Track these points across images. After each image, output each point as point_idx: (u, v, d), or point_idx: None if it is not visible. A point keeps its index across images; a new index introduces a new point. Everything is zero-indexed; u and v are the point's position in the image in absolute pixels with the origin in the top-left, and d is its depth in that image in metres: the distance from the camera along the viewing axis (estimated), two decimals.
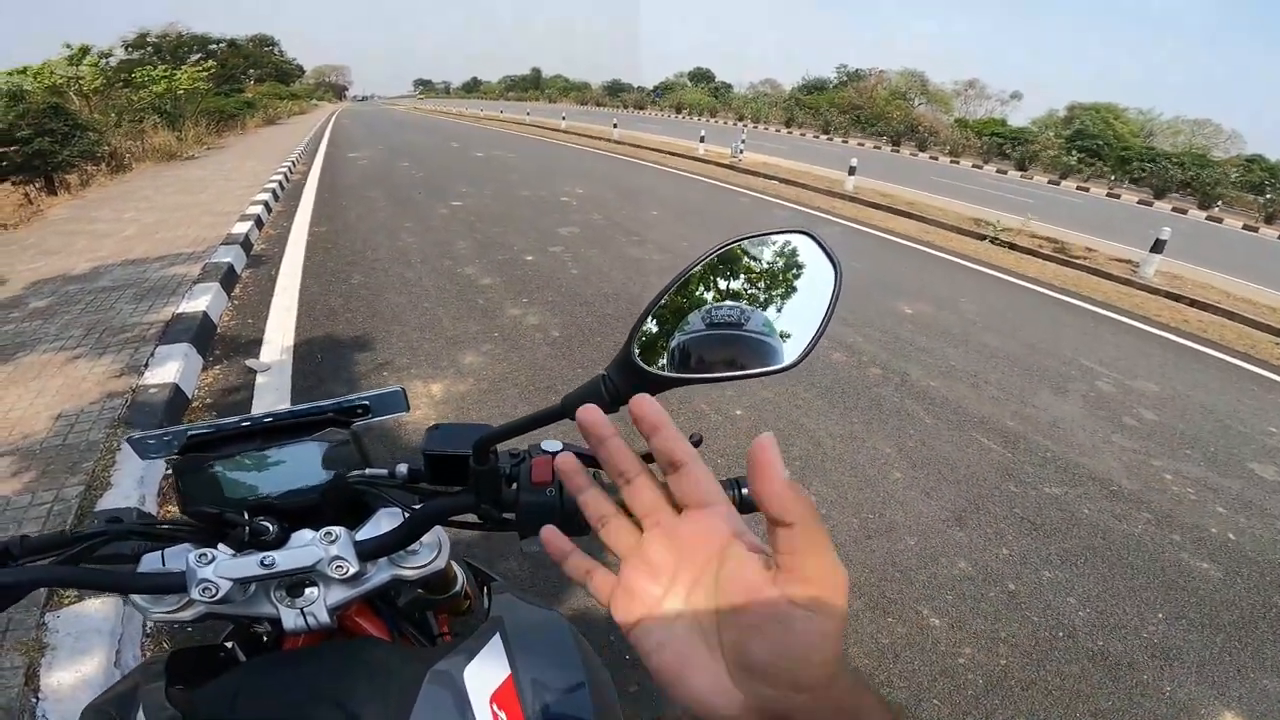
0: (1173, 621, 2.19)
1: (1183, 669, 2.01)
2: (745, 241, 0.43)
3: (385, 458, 0.65)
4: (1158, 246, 7.30)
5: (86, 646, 1.66)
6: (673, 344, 0.42)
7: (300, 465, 0.62)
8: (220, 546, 0.55)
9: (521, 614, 0.71)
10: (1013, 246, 8.24)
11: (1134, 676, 1.96)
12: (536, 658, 0.65)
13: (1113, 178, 28.81)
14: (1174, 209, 20.53)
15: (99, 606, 1.76)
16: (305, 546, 0.55)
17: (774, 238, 0.44)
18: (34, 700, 1.54)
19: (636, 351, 0.41)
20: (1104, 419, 3.62)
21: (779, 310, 0.42)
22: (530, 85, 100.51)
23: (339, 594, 0.59)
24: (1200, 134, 42.91)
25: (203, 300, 3.96)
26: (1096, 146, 32.87)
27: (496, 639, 0.63)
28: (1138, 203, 21.26)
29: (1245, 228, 18.45)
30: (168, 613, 0.58)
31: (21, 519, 2.09)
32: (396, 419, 0.70)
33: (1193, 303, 6.65)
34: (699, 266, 0.43)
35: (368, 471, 0.62)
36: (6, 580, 0.49)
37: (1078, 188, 23.58)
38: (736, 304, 0.42)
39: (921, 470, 2.89)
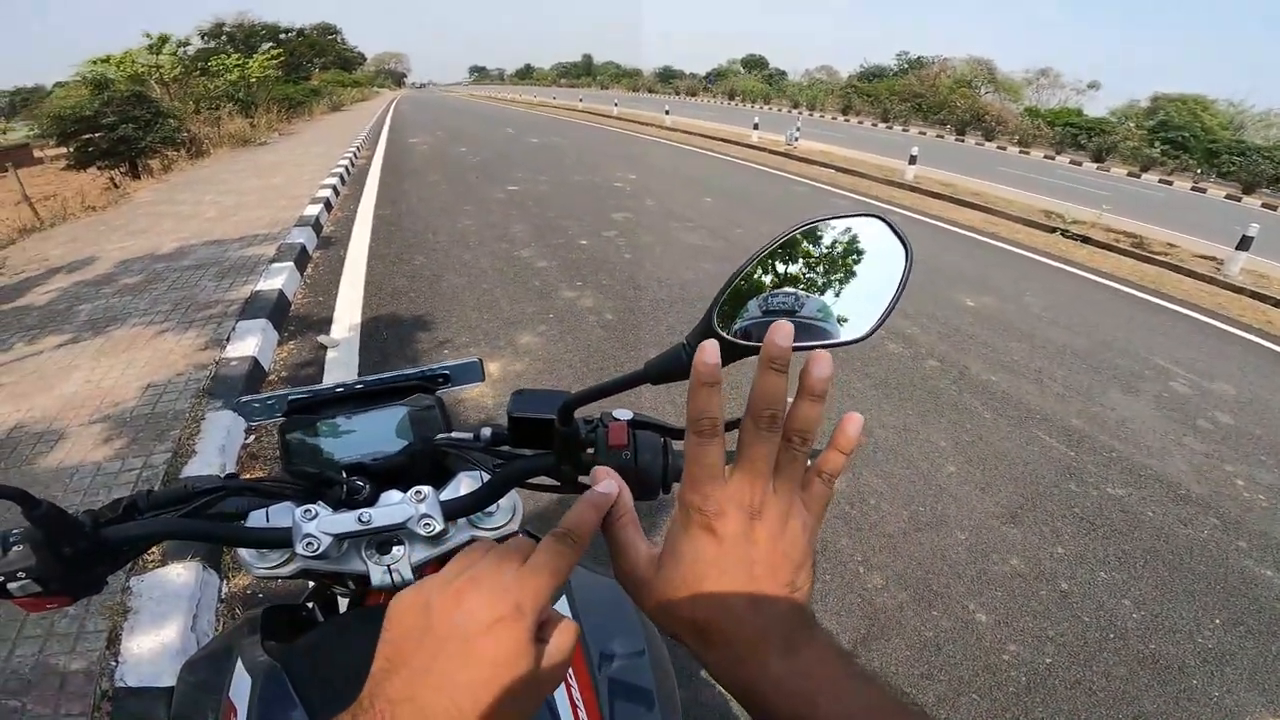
0: (1230, 628, 2.12)
1: (1235, 674, 1.94)
2: (822, 222, 0.45)
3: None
4: (1244, 243, 6.86)
5: (167, 612, 1.72)
6: (734, 328, 0.44)
7: (388, 429, 0.67)
8: (319, 504, 0.59)
9: (584, 580, 0.74)
10: (1086, 240, 7.86)
11: (1183, 680, 1.91)
12: (600, 623, 0.69)
13: (1199, 171, 27.02)
14: (1264, 204, 19.13)
15: (181, 572, 1.83)
16: (397, 504, 0.59)
17: (844, 221, 0.45)
18: (114, 664, 1.60)
19: (716, 321, 0.44)
20: (1176, 421, 3.46)
21: (837, 295, 0.44)
22: (582, 72, 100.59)
23: (422, 552, 0.62)
24: None
25: (279, 279, 4.18)
26: (1182, 138, 30.81)
27: (563, 602, 0.67)
28: (1225, 197, 19.88)
29: None
30: (271, 568, 0.63)
31: (112, 484, 2.23)
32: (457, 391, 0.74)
33: (1279, 303, 6.24)
34: (776, 246, 0.45)
35: (454, 435, 0.66)
36: (137, 532, 0.54)
37: (1160, 181, 22.21)
38: (792, 291, 0.44)
39: (977, 465, 2.84)
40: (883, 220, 0.45)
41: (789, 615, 0.36)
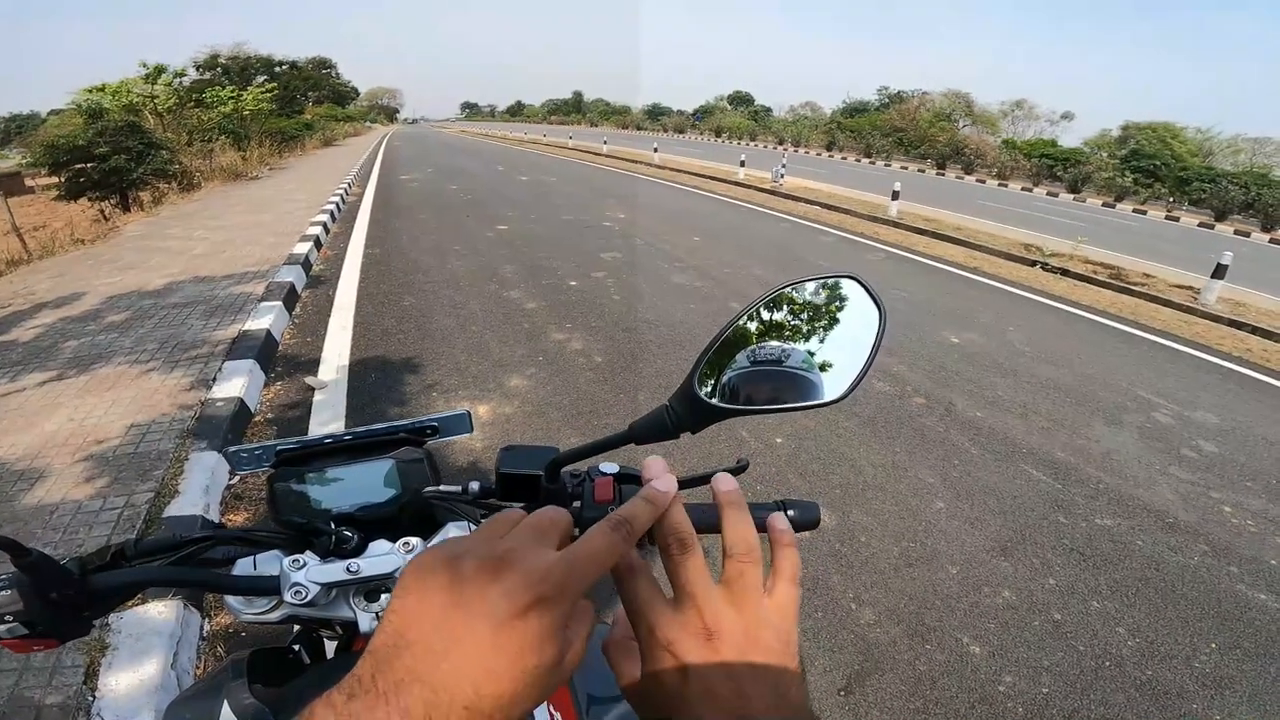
0: (1226, 651, 2.12)
1: (1235, 698, 1.95)
2: (799, 284, 0.47)
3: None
4: (1219, 272, 7.02)
5: (146, 648, 1.71)
6: (721, 380, 0.46)
7: (377, 480, 0.67)
8: (307, 554, 0.60)
9: None
10: (1065, 272, 8.02)
11: (1183, 705, 1.90)
12: (589, 669, 0.69)
13: (1171, 199, 27.72)
14: (1236, 231, 19.61)
15: (161, 610, 1.82)
16: (385, 555, 0.60)
17: (825, 280, 0.47)
18: (90, 699, 1.59)
19: (697, 385, 0.45)
20: (1161, 451, 3.50)
21: (821, 342, 0.46)
22: (572, 108, 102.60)
23: None
24: (1261, 152, 40.93)
25: (266, 319, 4.17)
26: (1153, 167, 31.67)
27: None
28: (1198, 225, 20.41)
29: None
30: (258, 614, 0.63)
31: (93, 523, 2.21)
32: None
33: (1256, 330, 6.36)
34: (758, 307, 0.46)
35: (442, 488, 0.66)
36: (124, 580, 0.55)
37: (1134, 210, 22.79)
38: (779, 344, 0.46)
39: (966, 500, 2.85)
40: (858, 281, 0.47)
41: (801, 705, 0.34)
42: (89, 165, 10.03)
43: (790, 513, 0.56)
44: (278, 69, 40.77)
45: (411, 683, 0.27)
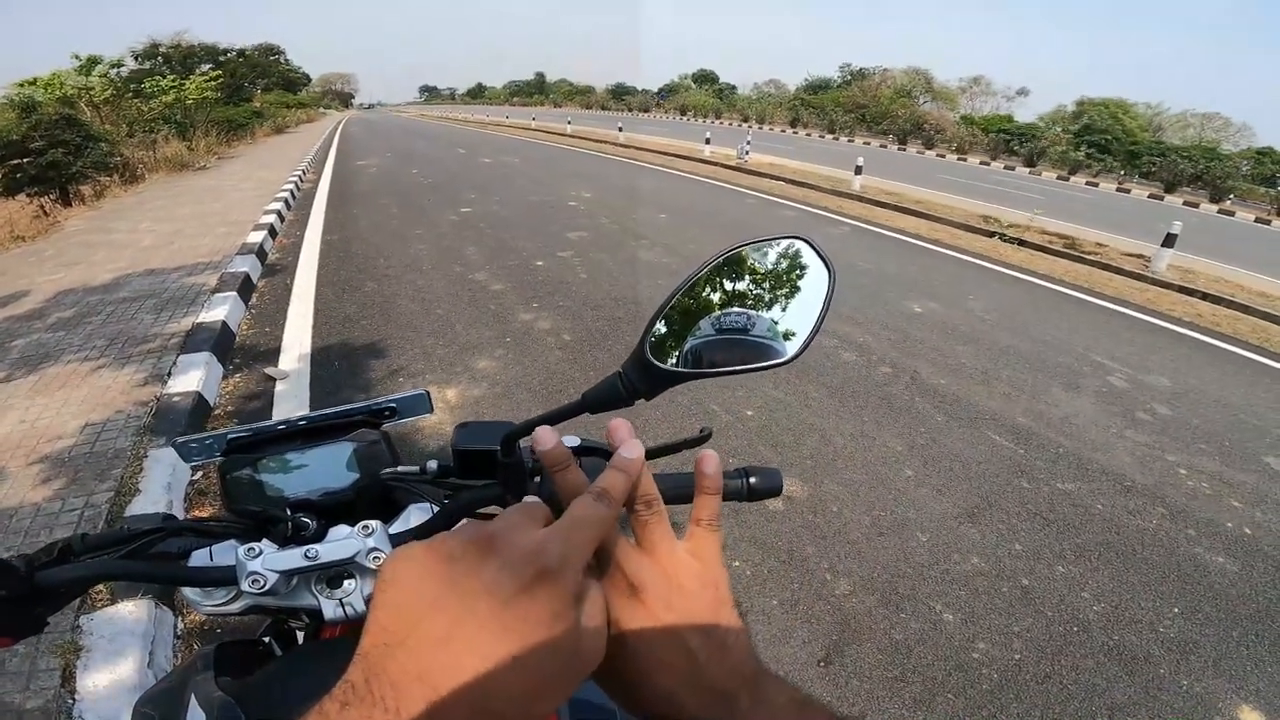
0: (1189, 615, 2.20)
1: (1200, 662, 2.02)
2: (748, 247, 0.46)
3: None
4: (1169, 241, 7.26)
5: (121, 648, 1.70)
6: (685, 348, 0.45)
7: (334, 465, 0.65)
8: (264, 542, 0.59)
9: None
10: (1022, 243, 8.22)
11: (1150, 670, 1.97)
12: None
13: (1122, 173, 28.57)
14: (1185, 203, 20.34)
15: (132, 610, 1.79)
16: (344, 539, 0.58)
17: (775, 243, 0.46)
18: (70, 701, 1.57)
19: (648, 350, 0.44)
20: (1117, 414, 3.62)
21: (784, 309, 0.45)
22: (535, 90, 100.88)
23: (374, 584, 0.62)
24: (1210, 127, 42.38)
25: (221, 310, 4.03)
26: (1105, 141, 32.62)
27: None
28: (1149, 197, 21.10)
29: (1257, 220, 18.24)
30: (217, 605, 0.62)
31: (54, 525, 2.15)
32: (413, 422, 0.73)
33: (1205, 296, 6.61)
34: (705, 271, 0.45)
35: (400, 469, 0.65)
36: (72, 575, 0.53)
37: (1087, 183, 23.41)
38: (744, 311, 0.45)
39: (933, 468, 2.91)
40: (807, 242, 0.46)
41: (728, 677, 0.35)
42: (25, 160, 9.65)
43: (752, 479, 0.57)
44: (223, 58, 39.09)
45: (409, 683, 0.25)
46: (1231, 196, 23.61)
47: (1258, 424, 3.70)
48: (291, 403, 3.14)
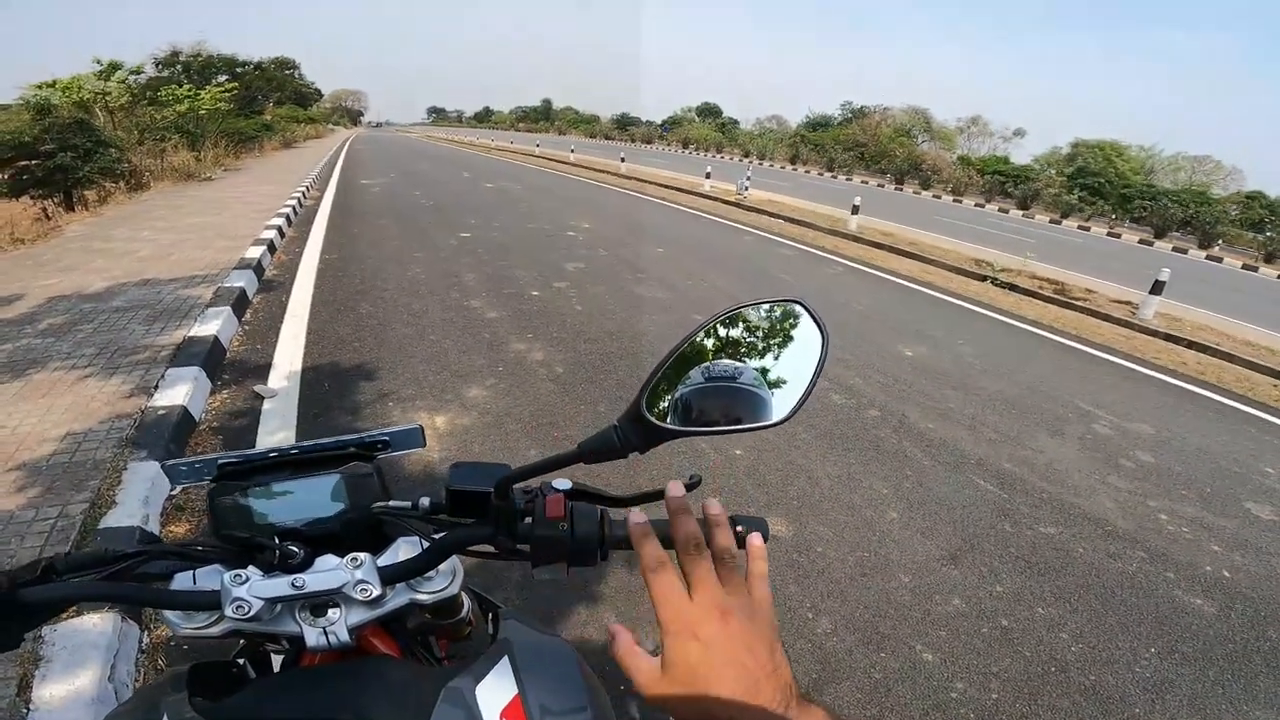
0: (1165, 656, 2.21)
1: (1175, 702, 2.02)
2: (747, 308, 0.49)
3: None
4: (1157, 288, 7.37)
5: (82, 660, 1.66)
6: (675, 395, 0.47)
7: (325, 495, 0.66)
8: (250, 568, 0.59)
9: (528, 639, 0.73)
10: (1013, 288, 8.32)
11: (1126, 710, 1.97)
12: (542, 681, 0.68)
13: (1114, 216, 29.03)
14: (1174, 248, 20.70)
15: (96, 622, 1.76)
16: (332, 570, 0.59)
17: (772, 306, 0.49)
18: (24, 711, 1.55)
19: (645, 406, 0.46)
20: (1100, 461, 3.64)
21: (775, 359, 0.47)
22: (541, 116, 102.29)
23: (359, 615, 0.62)
24: (1201, 170, 43.12)
25: (214, 324, 4.03)
26: (1098, 184, 33.10)
27: (505, 661, 0.66)
28: (1139, 242, 21.45)
29: (1245, 267, 18.55)
30: (198, 628, 0.61)
31: (25, 534, 2.12)
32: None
33: (1191, 344, 6.69)
34: (701, 332, 0.47)
35: (391, 503, 0.66)
36: (53, 595, 0.53)
37: (1079, 226, 23.82)
38: (731, 362, 0.47)
39: (918, 510, 2.92)
40: (802, 305, 0.48)
41: (781, 691, 0.42)
42: (33, 162, 9.65)
43: (738, 528, 0.58)
44: (240, 69, 39.57)
45: None
46: (1220, 242, 24.02)
47: (1239, 471, 3.73)
48: (277, 421, 3.12)
